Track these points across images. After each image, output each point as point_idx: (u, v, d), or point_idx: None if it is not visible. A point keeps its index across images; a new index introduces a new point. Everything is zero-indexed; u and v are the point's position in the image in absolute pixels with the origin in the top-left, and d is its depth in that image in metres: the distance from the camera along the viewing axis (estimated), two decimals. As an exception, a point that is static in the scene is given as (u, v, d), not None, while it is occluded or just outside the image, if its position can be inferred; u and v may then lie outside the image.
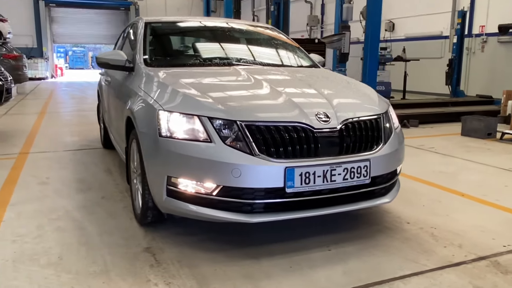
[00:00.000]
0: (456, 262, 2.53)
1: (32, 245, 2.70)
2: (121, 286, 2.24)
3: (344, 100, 2.92)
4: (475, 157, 5.25)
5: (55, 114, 9.17)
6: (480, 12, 12.42)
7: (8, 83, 6.23)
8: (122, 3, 25.58)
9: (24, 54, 15.32)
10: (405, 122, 7.58)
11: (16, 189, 3.83)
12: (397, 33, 15.52)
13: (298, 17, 21.13)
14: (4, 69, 12.28)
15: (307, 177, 2.45)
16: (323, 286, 2.26)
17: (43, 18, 23.68)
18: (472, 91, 12.41)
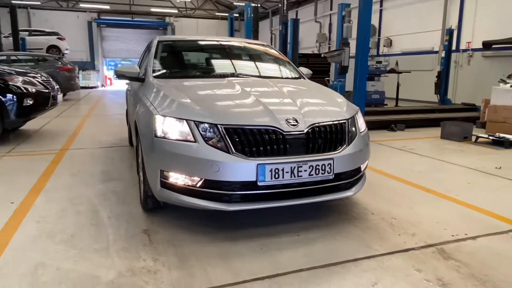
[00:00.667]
0: (406, 248, 2.50)
1: (52, 225, 2.81)
2: (116, 260, 2.31)
3: (313, 108, 2.92)
4: (447, 157, 5.13)
5: (97, 117, 9.41)
6: (467, 30, 12.09)
7: (54, 91, 6.44)
8: (161, 24, 26.00)
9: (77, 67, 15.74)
10: (393, 126, 7.47)
11: (51, 178, 3.97)
12: (394, 48, 15.24)
13: (309, 35, 21.05)
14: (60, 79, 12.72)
15: (277, 172, 2.47)
16: (285, 265, 2.27)
17: (95, 37, 24.34)
18: (459, 99, 12.10)
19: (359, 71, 6.64)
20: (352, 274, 2.18)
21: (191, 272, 2.18)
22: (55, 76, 12.59)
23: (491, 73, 11.10)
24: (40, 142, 5.93)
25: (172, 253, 2.39)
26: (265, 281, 2.10)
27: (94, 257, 2.34)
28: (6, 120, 5.51)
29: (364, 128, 3.08)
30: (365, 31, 6.58)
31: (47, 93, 6.09)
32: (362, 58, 6.62)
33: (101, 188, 3.67)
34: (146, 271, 2.19)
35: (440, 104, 11.33)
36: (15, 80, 5.59)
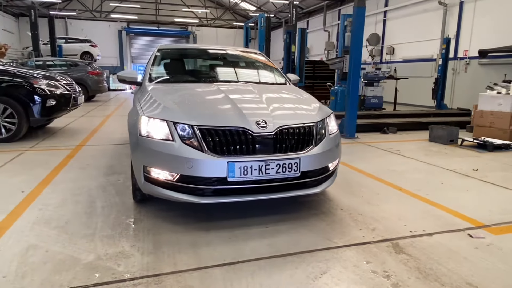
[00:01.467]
0: (362, 242, 2.50)
1: (51, 212, 2.93)
2: (98, 245, 2.40)
3: (285, 111, 2.94)
4: (429, 159, 5.05)
5: (118, 117, 9.62)
6: (465, 39, 11.80)
7: (75, 94, 6.64)
8: (184, 33, 26.31)
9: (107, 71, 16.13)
10: (385, 129, 7.37)
11: (61, 171, 4.11)
12: (396, 56, 14.99)
13: (318, 43, 20.91)
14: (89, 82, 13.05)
15: (245, 169, 2.51)
16: (247, 254, 2.31)
17: (125, 44, 24.84)
18: (456, 104, 11.82)
19: (351, 77, 6.58)
20: (306, 264, 2.20)
21: (160, 258, 2.24)
22: (85, 80, 12.99)
23: (487, 80, 10.77)
24: (62, 138, 6.14)
25: (149, 241, 2.47)
26: (224, 267, 2.15)
27: (80, 242, 2.43)
28: (31, 119, 5.72)
29: (335, 130, 3.08)
30: (357, 38, 6.51)
31: (68, 95, 6.28)
32: (355, 64, 6.56)
33: (103, 180, 3.79)
34: (122, 255, 2.27)
35: (437, 108, 11.09)
36: (40, 83, 5.80)
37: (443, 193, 3.58)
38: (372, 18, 16.34)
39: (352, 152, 5.48)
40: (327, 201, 3.28)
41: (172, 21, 25.05)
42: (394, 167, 4.56)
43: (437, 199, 3.39)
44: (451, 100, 12.10)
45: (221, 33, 26.81)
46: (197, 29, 26.38)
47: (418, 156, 5.20)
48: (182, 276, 2.05)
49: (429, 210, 3.13)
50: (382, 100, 10.71)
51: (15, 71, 5.81)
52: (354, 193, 3.52)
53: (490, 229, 2.76)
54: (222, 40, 26.67)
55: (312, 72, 14.18)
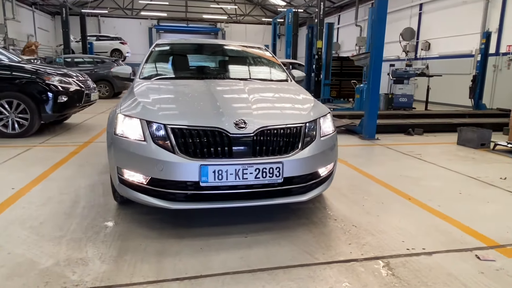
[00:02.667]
0: (347, 259, 2.24)
1: (32, 211, 2.89)
2: (62, 249, 2.30)
3: (271, 111, 2.72)
4: (452, 164, 4.62)
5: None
6: (508, 33, 10.91)
7: (89, 90, 6.74)
8: (213, 29, 26.46)
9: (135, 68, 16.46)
10: (410, 130, 6.91)
11: (59, 169, 4.12)
12: (432, 51, 14.18)
13: (350, 39, 20.25)
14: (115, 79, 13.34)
15: (220, 174, 2.33)
16: (214, 267, 2.13)
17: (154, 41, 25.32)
18: (496, 104, 10.98)
19: (372, 74, 6.19)
20: (275, 282, 1.99)
21: (120, 267, 2.11)
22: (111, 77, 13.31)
23: (532, 78, 9.93)
24: (73, 134, 6.24)
25: (116, 247, 2.35)
26: (184, 282, 1.98)
27: (46, 245, 2.35)
28: (43, 115, 5.84)
29: (330, 132, 2.83)
30: (379, 32, 6.11)
31: (81, 91, 6.38)
32: (376, 60, 6.16)
33: (96, 179, 3.74)
34: (81, 262, 2.16)
35: (474, 109, 10.35)
36: (52, 79, 5.91)
37: (458, 205, 3.21)
38: (407, 12, 15.58)
39: (366, 155, 5.15)
40: (321, 210, 3.03)
41: (201, 18, 25.24)
42: (409, 173, 4.19)
43: (450, 211, 3.04)
44: (491, 100, 11.24)
45: (250, 30, 26.71)
46: (226, 25, 26.44)
47: (440, 161, 4.78)
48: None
49: (437, 224, 2.80)
50: (412, 99, 10.13)
51: (28, 67, 5.95)
52: (355, 201, 3.24)
53: (505, 250, 2.40)
54: (251, 37, 26.57)
55: (340, 69, 13.72)
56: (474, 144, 5.70)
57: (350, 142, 6.09)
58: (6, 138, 5.63)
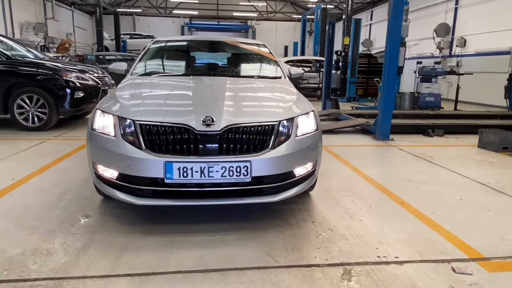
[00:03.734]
0: (309, 264, 2.15)
1: (20, 201, 3.01)
2: (33, 239, 2.38)
3: (244, 108, 2.65)
4: (463, 168, 4.32)
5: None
6: (552, 28, 10.06)
7: (106, 86, 6.96)
8: (243, 27, 26.56)
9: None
10: (429, 131, 6.55)
11: (63, 161, 4.29)
12: (468, 48, 13.37)
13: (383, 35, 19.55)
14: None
15: (185, 171, 2.31)
16: (170, 265, 2.12)
17: (186, 39, 25.82)
18: (536, 105, 10.15)
19: (387, 71, 5.92)
20: (224, 283, 1.94)
21: (80, 260, 2.15)
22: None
23: None
24: (89, 129, 6.47)
25: (83, 239, 2.40)
26: (134, 278, 1.99)
27: (20, 235, 2.45)
28: (60, 110, 6.12)
29: (310, 131, 2.71)
30: (395, 25, 5.83)
31: (97, 87, 6.61)
32: (391, 56, 5.88)
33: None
34: (46, 253, 2.23)
35: (510, 109, 9.65)
36: (69, 76, 6.17)
37: (454, 212, 2.99)
38: (442, 6, 14.80)
39: (372, 156, 4.94)
40: (302, 211, 2.94)
41: (232, 15, 25.40)
42: (412, 176, 3.97)
43: (441, 219, 2.84)
44: (531, 100, 10.41)
45: (281, 27, 26.54)
46: (257, 23, 26.44)
47: (452, 165, 4.49)
48: (84, 282, 1.93)
49: (423, 232, 2.62)
50: (440, 98, 9.61)
51: (48, 64, 6.24)
52: (341, 204, 3.11)
53: (487, 263, 2.21)
54: (282, 34, 26.41)
55: (367, 67, 13.30)
56: (496, 147, 5.31)
57: (361, 142, 5.87)
58: (27, 131, 5.94)
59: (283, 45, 24.42)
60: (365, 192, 3.44)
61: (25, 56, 6.55)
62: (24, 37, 16.80)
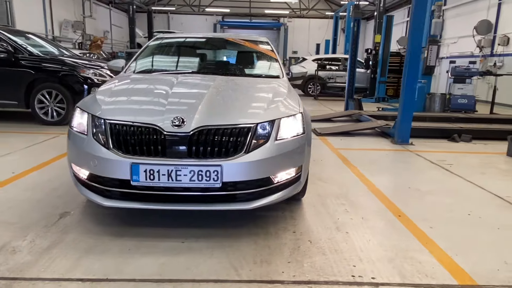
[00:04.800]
0: (273, 280, 1.99)
1: (10, 196, 3.06)
2: (6, 235, 2.39)
3: (221, 109, 2.50)
4: (483, 179, 3.93)
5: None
6: None
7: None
8: (275, 25, 26.33)
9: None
10: (455, 136, 6.08)
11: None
12: (511, 47, 12.39)
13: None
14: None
15: (152, 174, 2.22)
16: (127, 272, 2.03)
17: (218, 37, 26.01)
18: None
19: (407, 70, 5.54)
20: (175, 296, 1.83)
21: (40, 260, 2.11)
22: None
23: None
24: (105, 125, 6.59)
25: (51, 238, 2.37)
26: (86, 283, 1.91)
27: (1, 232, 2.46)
28: (77, 105, 6.27)
29: (295, 134, 2.52)
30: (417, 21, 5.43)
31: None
32: (412, 53, 5.49)
33: (89, 169, 3.87)
34: (11, 250, 2.21)
35: (554, 114, 8.82)
36: (87, 72, 6.32)
37: (456, 229, 2.69)
38: (484, 2, 13.82)
39: (384, 162, 4.63)
40: (287, 219, 2.76)
41: (264, 13, 25.25)
42: (421, 186, 3.66)
43: (439, 236, 2.56)
44: None
45: (314, 24, 26.04)
46: (289, 20, 26.11)
47: (471, 174, 4.10)
48: (34, 285, 1.89)
49: (413, 249, 2.37)
50: (474, 100, 8.94)
51: (68, 61, 6.41)
52: (332, 214, 2.90)
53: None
54: (314, 31, 25.92)
55: (399, 66, 12.69)
56: (527, 156, 4.82)
57: (377, 146, 5.55)
58: (46, 125, 6.14)
59: (316, 43, 23.95)
60: (362, 201, 3.19)
61: (48, 53, 6.79)
62: (63, 35, 17.61)
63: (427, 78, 9.45)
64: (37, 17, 15.60)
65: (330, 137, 6.10)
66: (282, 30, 25.89)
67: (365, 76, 13.83)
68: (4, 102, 6.27)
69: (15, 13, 12.82)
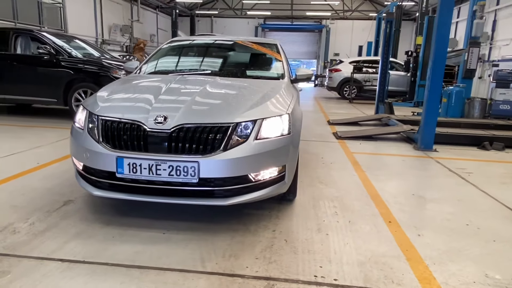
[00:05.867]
0: (234, 273, 2.06)
1: (31, 182, 3.39)
2: (12, 217, 2.67)
3: (202, 108, 2.61)
4: (499, 190, 3.69)
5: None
6: None
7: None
8: (317, 27, 26.07)
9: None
10: (485, 144, 5.72)
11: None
12: None
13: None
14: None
15: (134, 167, 2.38)
16: (103, 256, 2.19)
17: (259, 39, 26.27)
18: None
19: (432, 73, 5.31)
20: (137, 281, 1.96)
21: (32, 240, 2.35)
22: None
23: None
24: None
25: (50, 223, 2.61)
26: (64, 263, 2.10)
27: (4, 213, 2.75)
28: (109, 104, 6.72)
29: (278, 135, 2.57)
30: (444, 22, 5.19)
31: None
32: (437, 56, 5.25)
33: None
34: (12, 230, 2.48)
35: None
36: (119, 73, 6.74)
37: (446, 238, 2.59)
38: (541, 0, 12.75)
39: (397, 167, 4.49)
40: (271, 218, 2.81)
41: (305, 15, 25.12)
42: (427, 193, 3.52)
43: (424, 244, 2.48)
44: None
45: (357, 26, 25.45)
46: (332, 22, 25.75)
47: (488, 184, 3.87)
48: (20, 261, 2.11)
49: (389, 255, 2.32)
50: (517, 106, 8.31)
51: (104, 62, 6.89)
52: (319, 215, 2.90)
53: (441, 302, 1.87)
54: (358, 33, 25.33)
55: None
56: (561, 167, 4.43)
57: (396, 151, 5.38)
58: (81, 122, 6.64)
59: (359, 45, 23.40)
60: (356, 205, 3.15)
61: (89, 55, 7.34)
62: (112, 38, 18.77)
63: (466, 82, 8.95)
64: (88, 21, 16.77)
65: (350, 140, 6.00)
66: (324, 32, 25.57)
67: (404, 79, 13.34)
68: (46, 100, 6.88)
69: (68, 18, 13.89)
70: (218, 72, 3.60)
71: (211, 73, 3.55)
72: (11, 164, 3.97)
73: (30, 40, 7.05)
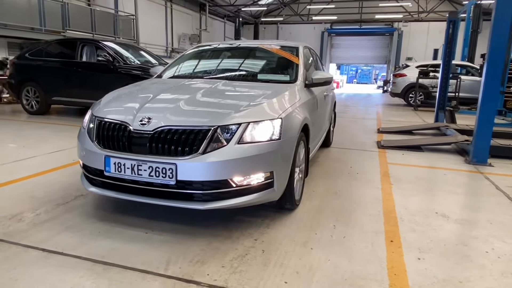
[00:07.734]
0: (192, 280, 2.00)
1: (57, 177, 3.72)
2: (24, 207, 2.94)
3: (188, 110, 2.58)
4: (551, 214, 3.10)
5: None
6: None
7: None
8: (388, 30, 24.81)
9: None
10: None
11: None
12: None
13: None
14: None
15: (119, 166, 2.48)
16: (80, 250, 2.29)
17: (325, 45, 25.79)
18: None
19: (486, 78, 4.68)
20: (95, 276, 2.01)
21: (30, 229, 2.55)
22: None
23: None
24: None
25: (54, 214, 2.82)
26: (44, 253, 2.24)
27: (20, 202, 3.03)
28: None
29: (264, 139, 2.48)
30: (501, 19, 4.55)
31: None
32: (492, 58, 4.62)
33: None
34: (19, 218, 2.73)
35: None
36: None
37: (452, 266, 2.23)
38: None
39: (432, 182, 4.03)
40: (259, 227, 2.70)
41: (374, 18, 24.05)
42: (453, 213, 3.10)
43: (419, 270, 2.17)
44: None
45: (433, 27, 23.66)
46: (405, 24, 24.29)
47: (540, 207, 3.28)
48: (9, 247, 2.30)
49: (370, 278, 2.07)
50: None
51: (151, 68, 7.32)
52: (313, 228, 2.71)
53: None
54: (434, 35, 23.55)
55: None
56: None
57: (441, 164, 4.84)
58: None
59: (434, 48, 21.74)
60: (362, 220, 2.89)
61: (147, 62, 7.90)
62: (181, 46, 19.94)
63: None
64: (159, 31, 18.04)
65: (392, 150, 5.56)
66: (396, 35, 24.22)
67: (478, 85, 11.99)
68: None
69: (140, 29, 15.09)
70: (229, 76, 3.59)
71: (222, 77, 3.56)
72: (52, 160, 4.39)
73: (94, 49, 7.79)
